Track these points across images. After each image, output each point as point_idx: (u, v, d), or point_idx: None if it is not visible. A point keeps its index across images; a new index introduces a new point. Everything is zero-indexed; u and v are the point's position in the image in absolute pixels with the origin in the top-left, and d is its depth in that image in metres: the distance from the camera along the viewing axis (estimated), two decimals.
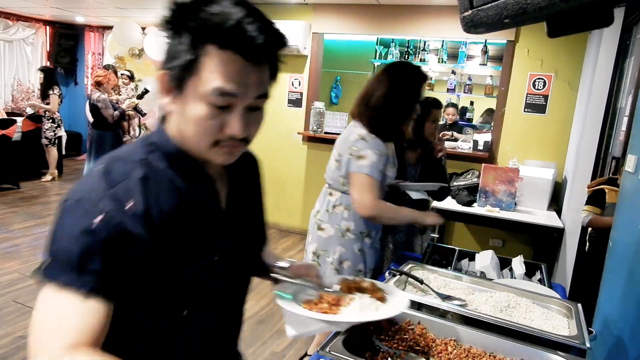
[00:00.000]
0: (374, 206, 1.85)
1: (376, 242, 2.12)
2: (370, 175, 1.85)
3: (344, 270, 2.01)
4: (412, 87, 1.91)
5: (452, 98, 5.95)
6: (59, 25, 8.17)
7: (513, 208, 3.51)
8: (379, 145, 1.89)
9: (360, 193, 1.85)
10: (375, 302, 1.10)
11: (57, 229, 0.75)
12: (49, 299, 0.69)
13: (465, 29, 0.66)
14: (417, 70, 1.95)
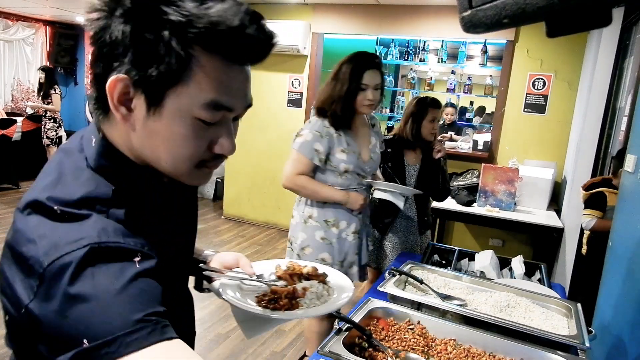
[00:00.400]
0: (290, 178, 1.98)
1: (347, 233, 2.08)
2: (298, 151, 1.96)
3: (306, 256, 2.04)
4: (349, 70, 1.92)
5: (451, 98, 5.95)
6: (59, 25, 8.16)
7: (513, 208, 3.51)
8: (320, 127, 1.96)
9: (286, 166, 1.99)
10: (325, 288, 1.03)
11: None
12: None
13: (464, 29, 0.66)
14: (362, 55, 1.96)
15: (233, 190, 5.42)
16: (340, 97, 1.93)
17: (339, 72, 1.95)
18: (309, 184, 2.00)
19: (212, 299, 3.35)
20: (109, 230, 0.60)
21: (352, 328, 1.27)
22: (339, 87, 1.92)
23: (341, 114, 1.95)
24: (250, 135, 5.19)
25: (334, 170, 2.01)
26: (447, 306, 1.41)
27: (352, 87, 1.91)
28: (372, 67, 1.94)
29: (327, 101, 1.96)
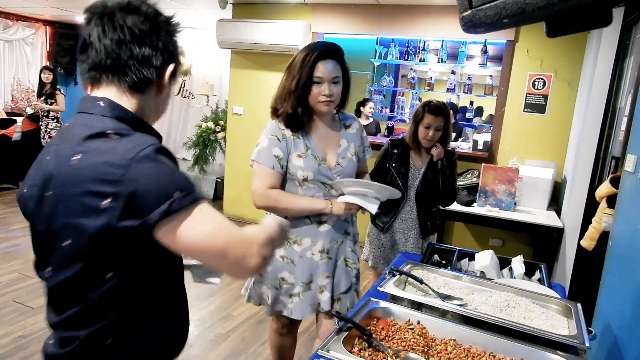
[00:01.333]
0: (260, 194, 1.71)
1: (313, 252, 1.79)
2: (257, 161, 1.73)
3: (265, 276, 1.82)
4: (300, 61, 1.67)
5: (452, 98, 5.95)
6: (59, 25, 8.17)
7: (513, 208, 3.51)
8: (275, 129, 1.74)
9: (252, 182, 1.74)
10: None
11: (164, 173, 0.86)
12: (209, 210, 0.89)
13: (464, 29, 0.66)
14: (317, 45, 1.72)
15: (233, 190, 5.42)
16: (290, 93, 1.68)
17: (290, 65, 1.70)
18: (283, 197, 1.73)
19: (212, 298, 3.35)
20: (153, 140, 0.92)
21: (352, 328, 1.27)
22: (290, 81, 1.68)
23: (292, 113, 1.69)
24: (250, 135, 5.18)
25: (292, 179, 1.75)
26: (447, 306, 1.41)
27: (302, 81, 1.65)
28: (326, 56, 1.66)
29: (279, 99, 1.73)
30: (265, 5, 4.84)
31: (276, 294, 1.85)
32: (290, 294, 1.83)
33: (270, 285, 1.84)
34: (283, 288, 1.83)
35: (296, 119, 1.72)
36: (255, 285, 1.90)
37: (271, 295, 1.85)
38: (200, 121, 6.09)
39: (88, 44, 0.94)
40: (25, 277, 3.45)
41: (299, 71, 1.66)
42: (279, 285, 1.83)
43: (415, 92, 6.00)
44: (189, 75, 6.99)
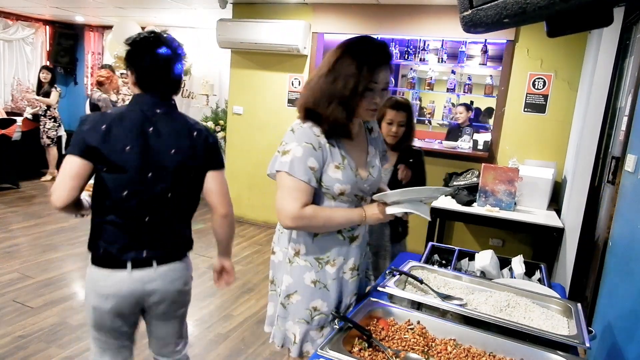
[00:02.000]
0: (295, 215, 1.42)
1: (345, 271, 1.58)
2: (290, 173, 1.42)
3: (292, 305, 1.54)
4: (357, 64, 1.42)
5: (451, 98, 5.95)
6: (59, 25, 8.16)
7: (513, 208, 3.51)
8: (309, 136, 1.44)
9: (281, 198, 1.44)
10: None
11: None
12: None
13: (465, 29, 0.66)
14: (372, 46, 1.47)
15: (233, 190, 5.38)
16: (344, 98, 1.43)
17: (338, 65, 1.45)
18: (319, 213, 1.46)
19: (212, 298, 3.35)
20: None
21: (352, 328, 1.27)
22: (341, 85, 1.42)
23: (343, 122, 1.47)
24: (250, 135, 5.19)
25: (326, 193, 1.50)
26: (447, 306, 1.41)
27: (360, 88, 1.43)
28: (385, 62, 1.47)
29: (322, 101, 1.45)
30: (265, 5, 4.84)
31: (306, 329, 1.54)
32: (322, 326, 1.55)
33: (299, 320, 1.54)
34: (314, 320, 1.54)
35: (344, 128, 1.50)
36: (279, 322, 1.58)
37: (300, 332, 1.53)
38: (200, 121, 6.08)
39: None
40: (25, 277, 3.45)
41: (354, 76, 1.42)
42: (310, 318, 1.54)
43: (415, 92, 6.00)
44: (189, 75, 6.99)
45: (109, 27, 7.60)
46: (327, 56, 1.50)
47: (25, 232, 4.39)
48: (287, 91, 4.95)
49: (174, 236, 1.68)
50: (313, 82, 1.49)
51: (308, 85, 1.51)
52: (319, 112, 1.46)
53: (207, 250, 4.34)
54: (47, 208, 5.22)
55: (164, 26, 7.11)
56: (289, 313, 1.56)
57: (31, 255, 3.86)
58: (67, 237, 4.37)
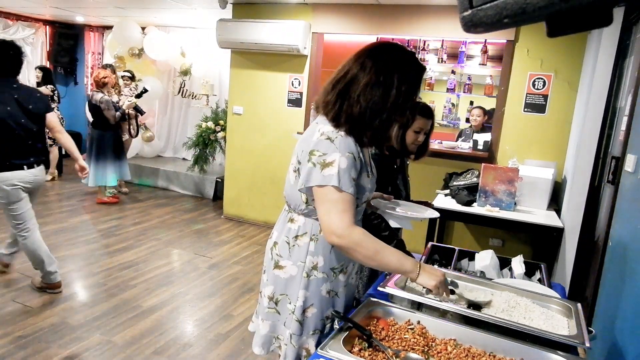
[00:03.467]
0: (347, 232, 1.31)
1: (352, 276, 1.59)
2: (339, 187, 1.32)
3: (308, 319, 1.50)
4: (408, 78, 1.37)
5: (451, 98, 5.95)
6: (59, 25, 8.16)
7: (513, 208, 3.51)
8: (350, 146, 1.36)
9: (328, 213, 1.33)
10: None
11: None
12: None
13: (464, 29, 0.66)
14: (414, 57, 1.43)
15: (233, 190, 5.42)
16: (395, 110, 1.37)
17: (390, 80, 1.36)
18: (370, 242, 1.33)
19: (212, 298, 3.35)
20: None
21: (352, 328, 1.27)
22: (393, 99, 1.35)
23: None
24: (250, 135, 5.18)
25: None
26: (447, 306, 1.41)
27: (413, 96, 1.41)
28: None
29: (368, 113, 1.36)
30: (265, 5, 4.84)
31: (319, 338, 1.52)
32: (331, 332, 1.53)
33: (314, 331, 1.51)
34: (326, 328, 1.54)
35: (386, 139, 1.61)
36: (293, 340, 1.50)
37: (315, 343, 1.51)
38: (200, 121, 6.09)
39: None
40: (25, 277, 3.45)
41: (412, 85, 1.39)
42: (323, 327, 1.53)
43: None
44: (189, 75, 6.99)
45: (109, 27, 7.60)
46: (369, 63, 1.37)
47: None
48: (287, 91, 4.95)
49: (39, 149, 3.13)
50: (355, 92, 1.37)
51: (345, 93, 1.38)
52: (364, 125, 1.38)
53: (207, 250, 4.35)
54: (47, 208, 5.22)
55: (164, 26, 7.12)
56: (304, 328, 1.50)
57: None
58: (67, 237, 4.37)
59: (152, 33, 6.61)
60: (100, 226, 4.77)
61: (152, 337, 2.79)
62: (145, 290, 3.41)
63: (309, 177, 1.36)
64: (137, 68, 6.64)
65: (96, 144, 5.31)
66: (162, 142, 7.55)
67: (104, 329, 2.83)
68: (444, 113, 6.05)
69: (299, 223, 1.48)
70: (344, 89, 1.39)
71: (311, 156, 1.36)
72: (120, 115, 5.29)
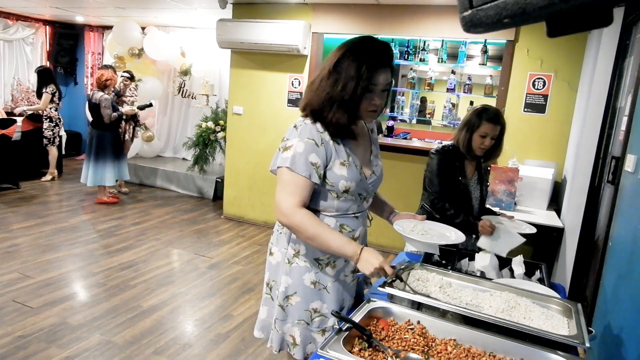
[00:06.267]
0: (290, 213, 1.42)
1: (346, 274, 1.59)
2: (291, 168, 1.42)
3: (291, 307, 1.55)
4: (356, 66, 1.40)
5: (451, 98, 5.95)
6: (59, 25, 8.16)
7: (512, 208, 3.51)
8: (313, 132, 1.45)
9: (278, 193, 1.45)
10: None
11: None
12: None
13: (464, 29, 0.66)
14: (372, 46, 1.45)
15: (233, 190, 5.42)
16: (344, 101, 1.43)
17: (339, 66, 1.44)
18: (309, 225, 1.42)
19: (212, 298, 3.35)
20: None
21: (352, 328, 1.27)
22: (341, 87, 1.42)
23: (345, 123, 1.46)
24: (250, 135, 5.18)
25: (330, 190, 1.50)
26: (447, 306, 1.41)
27: (359, 91, 1.42)
28: (386, 65, 1.45)
29: (324, 104, 1.45)
30: (265, 5, 4.84)
31: (307, 330, 1.55)
32: (323, 329, 1.56)
33: (299, 321, 1.55)
34: (315, 322, 1.55)
35: (347, 130, 1.50)
36: (277, 325, 1.57)
37: (300, 334, 1.54)
38: (200, 121, 6.09)
39: None
40: (25, 277, 3.45)
41: (354, 78, 1.41)
42: (310, 319, 1.55)
43: (415, 92, 6.00)
44: (189, 75, 6.99)
45: (109, 27, 7.60)
46: (329, 57, 1.48)
47: (25, 232, 4.39)
48: (287, 91, 4.95)
49: None
50: (316, 83, 1.48)
51: (311, 87, 1.50)
52: (323, 115, 1.46)
53: (207, 250, 4.35)
54: (47, 208, 5.22)
55: (164, 26, 7.12)
56: (288, 315, 1.55)
57: (31, 255, 3.86)
58: (67, 237, 4.37)
59: (152, 33, 6.61)
60: (100, 226, 4.77)
61: (152, 337, 2.79)
62: (145, 290, 3.41)
63: (275, 160, 1.50)
64: (137, 68, 6.64)
65: (96, 143, 5.31)
66: (162, 142, 7.56)
67: (104, 329, 2.83)
68: (444, 113, 6.05)
69: None
70: (312, 81, 1.52)
71: (281, 142, 1.51)
72: (117, 117, 5.28)
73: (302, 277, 1.53)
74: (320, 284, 1.54)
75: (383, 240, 4.58)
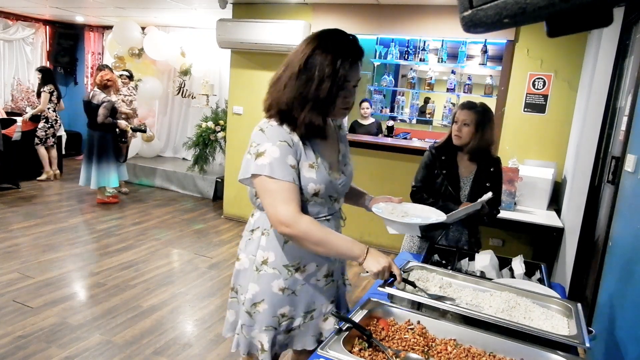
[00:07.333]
0: (292, 219, 1.33)
1: (318, 278, 1.53)
2: (272, 176, 1.34)
3: (259, 313, 1.49)
4: (330, 61, 1.33)
5: (451, 98, 5.95)
6: (59, 25, 8.16)
7: (513, 208, 3.51)
8: (281, 134, 1.38)
9: (272, 204, 1.35)
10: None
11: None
12: None
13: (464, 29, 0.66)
14: (346, 40, 1.38)
15: (233, 190, 5.42)
16: (319, 101, 1.35)
17: (310, 62, 1.34)
18: (317, 230, 1.35)
19: (212, 298, 3.35)
20: None
21: (352, 328, 1.27)
22: (315, 87, 1.34)
23: (318, 124, 1.40)
24: (250, 135, 5.18)
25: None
26: (447, 306, 1.41)
27: (335, 89, 1.35)
28: (358, 59, 1.38)
29: (295, 104, 1.37)
30: (265, 5, 4.84)
31: (274, 335, 1.51)
32: (289, 330, 1.53)
33: (267, 327, 1.50)
34: (282, 326, 1.51)
35: (318, 129, 1.42)
36: (244, 331, 1.53)
37: (268, 340, 1.50)
38: (200, 121, 6.09)
39: None
40: (25, 277, 3.45)
41: (329, 76, 1.33)
42: (278, 324, 1.51)
43: (415, 92, 6.00)
44: (189, 75, 6.99)
45: (109, 27, 7.60)
46: (296, 53, 1.39)
47: (25, 232, 4.39)
48: None
49: None
50: (282, 82, 1.39)
51: (277, 85, 1.41)
52: (293, 116, 1.38)
53: (207, 250, 4.35)
54: (46, 208, 5.22)
55: (164, 26, 7.12)
56: (256, 322, 1.50)
57: (31, 255, 3.86)
58: (67, 237, 4.37)
59: (152, 33, 6.61)
60: (100, 226, 4.77)
61: (152, 337, 2.79)
62: (145, 290, 3.41)
63: (247, 168, 1.41)
64: (137, 68, 6.64)
65: (97, 145, 5.29)
66: (162, 142, 7.56)
67: (104, 329, 2.83)
68: (444, 113, 6.05)
69: (255, 217, 1.54)
70: (277, 79, 1.43)
71: (250, 147, 1.43)
72: (111, 122, 5.24)
73: (270, 284, 1.48)
74: (289, 289, 1.49)
75: (383, 240, 4.58)
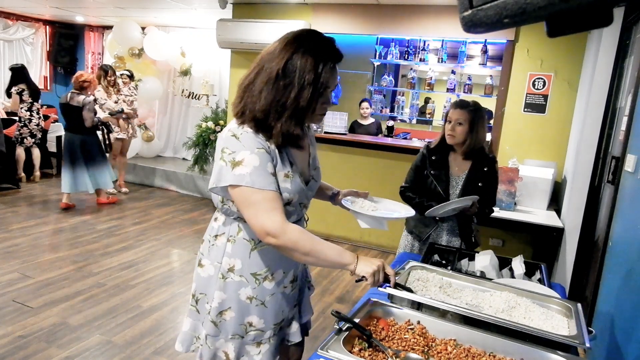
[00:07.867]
0: (281, 230, 1.25)
1: (285, 285, 1.47)
2: (253, 186, 1.26)
3: (225, 322, 1.42)
4: (313, 66, 1.27)
5: (452, 98, 5.95)
6: (59, 25, 8.17)
7: (513, 208, 3.51)
8: (259, 141, 1.29)
9: (255, 216, 1.27)
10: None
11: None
12: None
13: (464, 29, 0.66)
14: (325, 44, 1.31)
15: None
16: (299, 109, 1.28)
17: (290, 67, 1.27)
18: (306, 239, 1.28)
19: None
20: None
21: (352, 328, 1.27)
22: (295, 93, 1.26)
23: (300, 134, 1.37)
24: None
25: None
26: (447, 306, 1.41)
27: (317, 95, 1.29)
28: (337, 62, 1.33)
29: (272, 112, 1.28)
30: (265, 5, 4.84)
31: (240, 344, 1.44)
32: (258, 342, 1.46)
33: (232, 336, 1.43)
34: (250, 335, 1.44)
35: (296, 138, 1.37)
36: (208, 341, 1.45)
37: (234, 348, 1.43)
38: (200, 121, 6.10)
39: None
40: (25, 277, 3.45)
41: (311, 84, 1.26)
42: (245, 333, 1.44)
43: (415, 92, 6.00)
44: (189, 75, 6.99)
45: (109, 27, 7.61)
46: (271, 53, 1.30)
47: (25, 232, 4.39)
48: None
49: None
50: (257, 87, 1.29)
51: (250, 90, 1.31)
52: (269, 125, 1.29)
53: None
54: (46, 208, 5.22)
55: (164, 26, 7.12)
56: (221, 331, 1.43)
57: (31, 255, 3.86)
58: (67, 237, 4.37)
59: (152, 33, 6.61)
60: (100, 226, 4.77)
61: (152, 337, 2.79)
62: (145, 290, 3.41)
63: (220, 176, 1.30)
64: (137, 68, 6.64)
65: (83, 149, 5.05)
66: (162, 142, 7.56)
67: (104, 329, 2.83)
68: (444, 113, 6.05)
69: (219, 222, 1.45)
70: (249, 83, 1.32)
71: (222, 154, 1.30)
72: (97, 121, 5.10)
73: (237, 291, 1.40)
74: (258, 299, 1.42)
75: (383, 241, 4.58)
